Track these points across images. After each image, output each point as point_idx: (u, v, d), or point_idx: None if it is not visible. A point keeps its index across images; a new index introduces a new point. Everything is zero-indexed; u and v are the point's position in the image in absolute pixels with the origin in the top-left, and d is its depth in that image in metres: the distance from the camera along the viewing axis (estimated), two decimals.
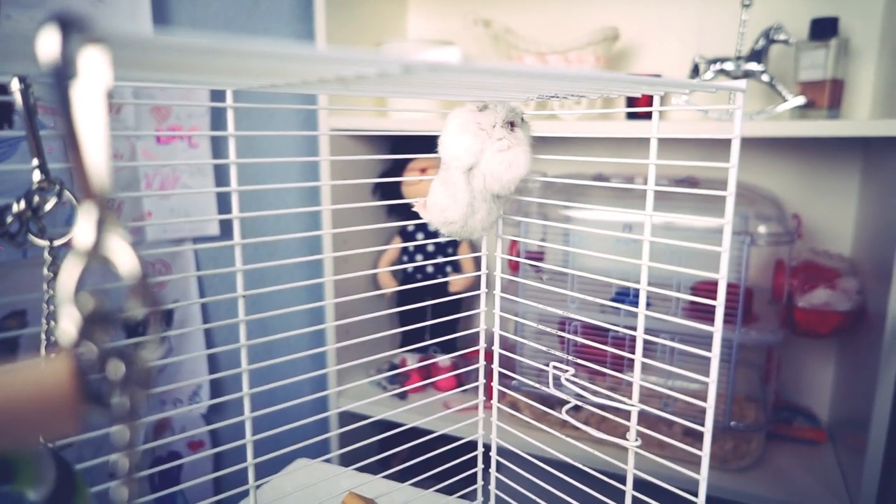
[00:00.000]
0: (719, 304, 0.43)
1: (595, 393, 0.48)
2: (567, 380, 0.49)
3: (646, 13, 1.15)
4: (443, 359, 1.25)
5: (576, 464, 0.56)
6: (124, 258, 0.19)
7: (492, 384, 0.70)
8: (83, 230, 0.19)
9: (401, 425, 0.70)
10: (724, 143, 0.43)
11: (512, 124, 0.51)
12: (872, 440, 0.85)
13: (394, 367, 1.31)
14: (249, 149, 1.18)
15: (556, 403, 1.13)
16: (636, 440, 0.49)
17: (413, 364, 1.26)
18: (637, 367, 0.49)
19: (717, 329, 0.43)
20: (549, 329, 0.63)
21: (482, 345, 0.72)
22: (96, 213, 0.19)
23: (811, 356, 1.15)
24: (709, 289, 0.98)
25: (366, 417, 0.72)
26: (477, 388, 0.69)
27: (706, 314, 0.95)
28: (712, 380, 0.43)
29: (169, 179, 1.06)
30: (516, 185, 0.51)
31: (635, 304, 0.93)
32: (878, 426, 0.85)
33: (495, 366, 0.70)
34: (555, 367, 0.52)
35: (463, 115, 0.51)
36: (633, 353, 0.50)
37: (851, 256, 1.06)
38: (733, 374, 0.94)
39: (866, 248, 0.99)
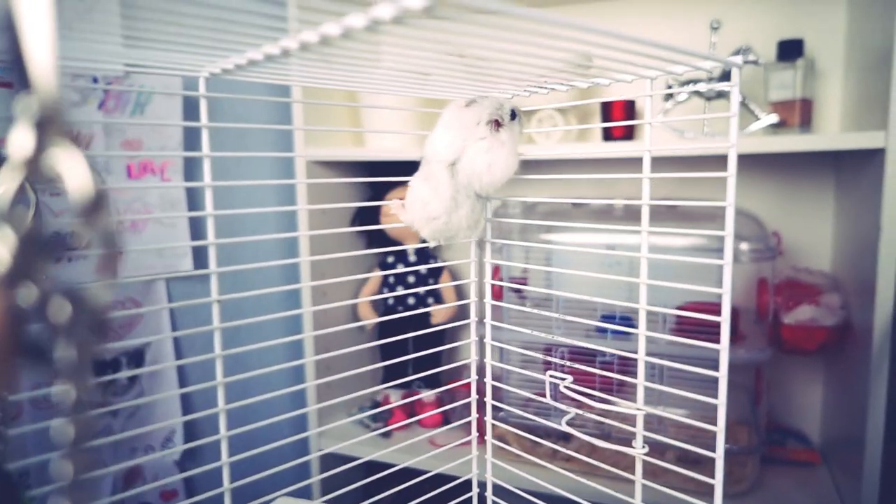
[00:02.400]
0: (724, 319, 0.41)
1: (597, 399, 0.46)
2: (567, 387, 0.47)
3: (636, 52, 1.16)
4: (427, 394, 1.21)
5: (577, 499, 0.53)
6: (74, 173, 0.15)
7: (483, 418, 0.67)
8: (21, 134, 0.15)
9: (387, 466, 0.66)
10: (704, 161, 0.42)
11: (497, 123, 0.50)
12: (868, 460, 0.84)
13: (376, 404, 1.27)
14: (223, 190, 1.16)
15: (545, 434, 1.10)
16: (643, 447, 0.46)
17: (396, 400, 1.22)
18: (641, 368, 0.47)
19: (724, 347, 0.41)
20: (537, 355, 0.61)
21: (473, 377, 0.69)
22: (37, 112, 0.14)
23: (799, 376, 1.13)
24: (697, 309, 0.97)
25: (349, 459, 0.67)
26: (464, 423, 0.66)
27: (692, 335, 0.94)
28: (721, 402, 0.41)
29: (141, 214, 1.03)
30: (498, 187, 0.50)
31: (621, 326, 0.91)
32: (872, 445, 0.83)
33: (488, 398, 0.67)
34: (552, 376, 0.50)
35: (450, 110, 0.51)
36: (622, 377, 0.48)
37: (832, 272, 1.06)
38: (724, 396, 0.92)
39: (846, 263, 1.00)
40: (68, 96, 0.93)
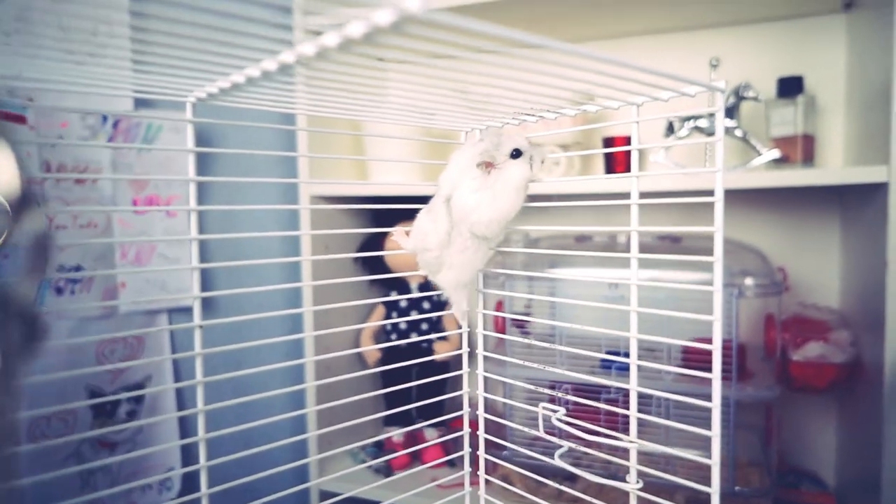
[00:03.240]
0: (716, 347, 0.40)
1: (590, 431, 0.45)
2: (559, 420, 0.46)
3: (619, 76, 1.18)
4: (425, 427, 1.19)
5: None
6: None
7: (478, 454, 0.66)
8: None
9: None
10: (707, 195, 0.42)
11: (489, 164, 0.50)
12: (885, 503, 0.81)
13: (379, 442, 1.24)
14: (229, 221, 1.17)
15: (551, 474, 1.07)
16: (637, 482, 0.44)
17: (399, 437, 1.20)
18: (633, 399, 0.46)
19: (716, 376, 0.40)
20: (542, 389, 0.59)
21: (465, 409, 0.67)
22: None
23: (811, 416, 1.11)
24: (702, 350, 0.95)
25: (350, 498, 0.66)
26: (463, 459, 0.64)
27: (702, 369, 0.92)
28: (715, 433, 0.40)
29: (145, 250, 1.03)
30: (495, 229, 0.50)
31: (621, 368, 0.89)
32: (888, 488, 0.80)
33: (480, 432, 0.66)
34: (545, 408, 0.48)
35: (464, 146, 0.51)
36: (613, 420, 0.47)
37: (840, 308, 1.04)
38: (733, 436, 0.90)
39: (854, 298, 0.98)
40: (78, 132, 0.95)
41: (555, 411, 0.47)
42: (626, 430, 0.98)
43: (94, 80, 0.37)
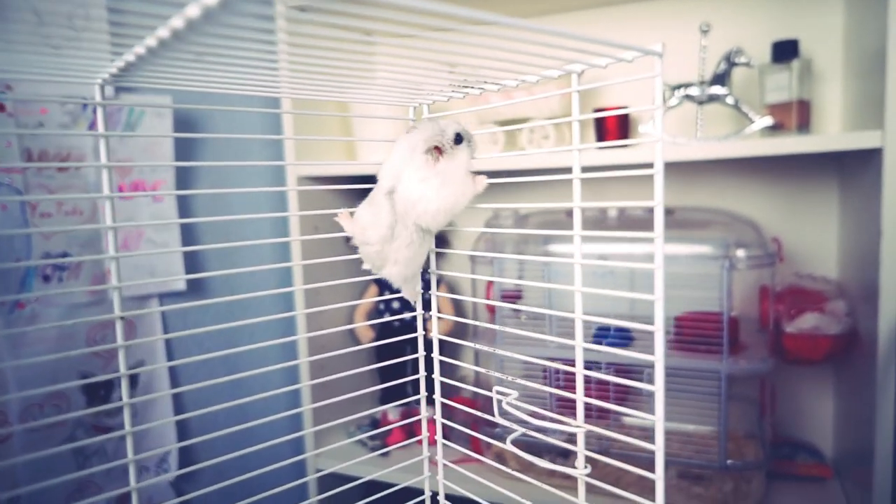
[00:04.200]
0: (658, 329, 0.37)
1: (537, 416, 0.44)
2: (508, 404, 0.45)
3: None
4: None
5: None
6: None
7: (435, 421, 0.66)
8: None
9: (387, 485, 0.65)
10: (697, 168, 0.40)
11: (438, 150, 0.47)
12: (878, 474, 0.80)
13: (374, 421, 1.25)
14: (219, 203, 1.16)
15: (546, 452, 1.07)
16: (585, 467, 0.44)
17: (394, 417, 1.20)
18: (579, 381, 0.45)
19: (659, 358, 0.38)
20: (538, 360, 0.59)
21: (423, 393, 0.67)
22: None
23: (808, 387, 1.09)
24: (695, 319, 0.94)
25: (348, 478, 0.67)
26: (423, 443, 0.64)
27: (691, 346, 0.91)
28: (658, 417, 0.38)
29: (132, 235, 1.03)
30: (441, 221, 0.47)
31: (615, 342, 0.88)
32: (881, 457, 0.80)
33: (437, 416, 0.65)
34: (498, 392, 0.48)
35: (402, 134, 0.49)
36: (617, 395, 0.46)
37: (838, 278, 1.02)
38: (725, 409, 0.89)
39: (852, 268, 0.96)
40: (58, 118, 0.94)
41: (506, 395, 0.46)
42: (620, 402, 0.97)
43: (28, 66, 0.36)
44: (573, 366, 0.46)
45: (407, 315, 0.64)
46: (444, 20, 0.27)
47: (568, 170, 0.45)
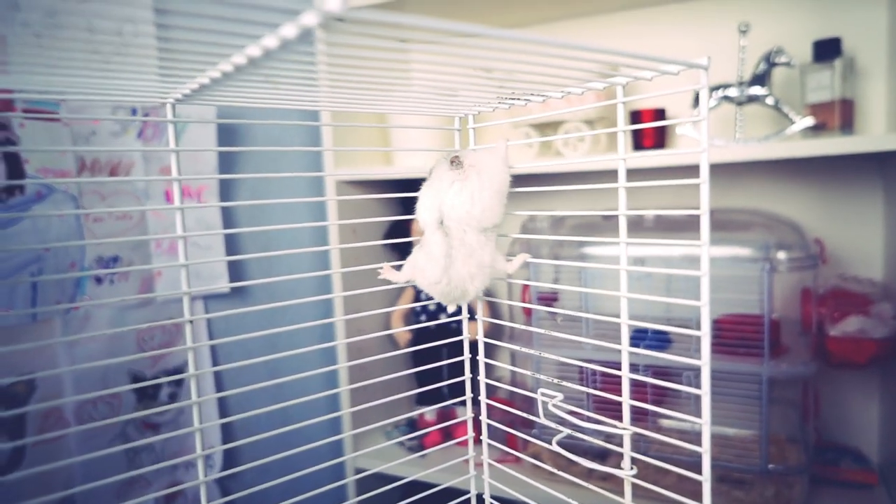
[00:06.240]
0: (704, 333, 0.38)
1: (582, 418, 0.45)
2: (554, 406, 0.46)
3: (645, 48, 1.14)
4: (457, 406, 1.20)
5: None
6: None
7: (480, 429, 0.66)
8: None
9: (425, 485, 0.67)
10: (737, 169, 0.40)
11: (458, 158, 0.50)
12: None
13: (411, 422, 1.26)
14: (259, 211, 1.19)
15: (583, 453, 1.07)
16: (632, 468, 0.44)
17: (431, 418, 1.22)
18: (625, 384, 0.45)
19: (705, 362, 0.38)
20: (571, 361, 0.59)
21: (468, 394, 0.68)
22: None
23: (853, 391, 1.07)
24: (736, 321, 0.93)
25: (387, 479, 0.68)
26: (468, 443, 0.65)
27: (732, 348, 0.90)
28: (705, 420, 0.38)
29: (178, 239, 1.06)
30: (498, 212, 0.49)
31: (653, 344, 0.88)
32: None
33: (483, 417, 0.66)
34: (542, 394, 0.48)
35: (426, 181, 0.53)
36: (654, 397, 0.47)
37: (883, 280, 1.00)
38: (766, 412, 0.88)
39: None
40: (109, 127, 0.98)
41: (552, 397, 0.47)
42: (657, 405, 0.97)
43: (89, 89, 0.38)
44: (612, 367, 0.47)
45: (450, 320, 0.65)
46: (495, 42, 0.28)
47: (605, 173, 0.46)
